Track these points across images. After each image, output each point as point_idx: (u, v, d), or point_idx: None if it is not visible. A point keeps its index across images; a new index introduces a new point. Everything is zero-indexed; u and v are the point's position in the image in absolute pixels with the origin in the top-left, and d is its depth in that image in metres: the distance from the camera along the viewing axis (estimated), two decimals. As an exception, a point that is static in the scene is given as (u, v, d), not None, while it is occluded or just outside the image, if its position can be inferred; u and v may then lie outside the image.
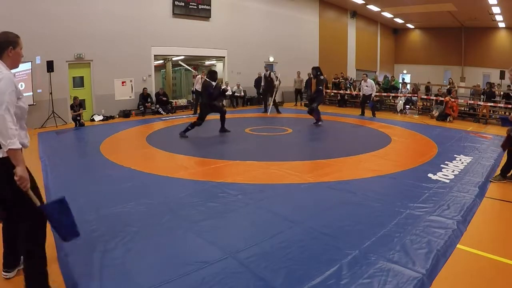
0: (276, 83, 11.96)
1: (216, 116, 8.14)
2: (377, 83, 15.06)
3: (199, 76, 11.88)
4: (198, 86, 11.63)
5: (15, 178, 1.95)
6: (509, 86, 11.06)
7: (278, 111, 11.93)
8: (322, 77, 9.13)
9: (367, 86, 10.91)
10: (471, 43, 21.06)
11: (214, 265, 2.50)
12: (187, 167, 5.22)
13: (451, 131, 8.78)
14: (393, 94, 13.58)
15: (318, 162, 5.58)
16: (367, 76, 11.25)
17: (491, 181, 4.66)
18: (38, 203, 2.09)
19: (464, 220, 3.34)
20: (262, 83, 12.11)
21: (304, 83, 13.15)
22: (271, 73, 11.93)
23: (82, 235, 2.94)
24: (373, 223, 3.21)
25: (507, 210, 3.84)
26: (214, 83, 7.48)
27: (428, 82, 14.99)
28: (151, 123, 9.88)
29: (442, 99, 11.27)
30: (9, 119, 1.92)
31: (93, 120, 10.45)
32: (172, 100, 12.66)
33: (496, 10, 15.92)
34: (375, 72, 22.02)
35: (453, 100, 10.96)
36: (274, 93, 12.01)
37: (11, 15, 8.68)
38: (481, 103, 10.98)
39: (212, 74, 7.66)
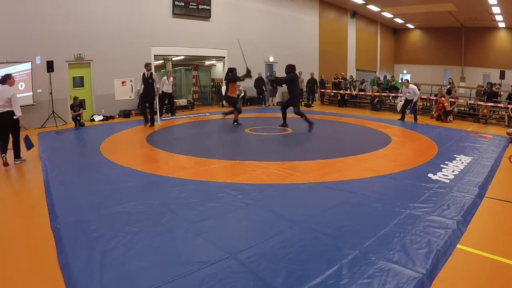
0: (158, 86, 9.34)
1: (218, 116, 8.14)
2: (377, 83, 15.08)
3: (165, 77, 11.25)
4: (165, 88, 10.97)
5: None
6: None
7: (152, 124, 9.11)
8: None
9: (409, 92, 10.51)
10: (471, 43, 21.08)
11: (214, 265, 2.50)
12: (187, 167, 5.22)
13: (451, 131, 8.78)
14: (393, 94, 13.59)
15: (318, 162, 5.57)
16: (408, 82, 10.87)
17: None
18: None
19: (464, 220, 3.34)
20: (142, 86, 8.96)
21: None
22: (153, 73, 9.03)
23: (82, 235, 2.97)
24: (373, 223, 3.21)
25: (507, 210, 3.83)
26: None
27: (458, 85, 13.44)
28: (151, 123, 9.84)
29: (440, 99, 11.27)
30: None
31: (93, 120, 10.45)
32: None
33: (496, 10, 15.93)
34: (375, 72, 22.03)
35: (450, 98, 10.96)
36: (156, 99, 9.44)
37: (12, 15, 8.70)
38: (481, 103, 10.98)
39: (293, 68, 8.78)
